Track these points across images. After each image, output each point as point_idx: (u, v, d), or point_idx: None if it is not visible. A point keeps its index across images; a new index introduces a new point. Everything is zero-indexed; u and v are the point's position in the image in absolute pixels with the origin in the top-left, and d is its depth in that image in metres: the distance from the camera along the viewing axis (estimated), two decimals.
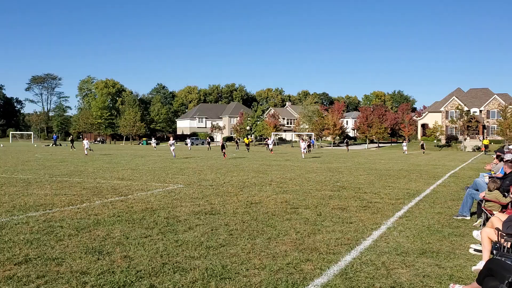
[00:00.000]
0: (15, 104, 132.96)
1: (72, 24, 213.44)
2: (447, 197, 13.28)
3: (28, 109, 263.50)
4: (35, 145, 64.46)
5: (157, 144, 66.84)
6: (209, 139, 64.45)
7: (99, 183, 15.82)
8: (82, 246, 7.11)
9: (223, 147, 36.34)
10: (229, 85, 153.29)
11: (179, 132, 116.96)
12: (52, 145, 66.59)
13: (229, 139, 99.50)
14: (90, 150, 40.22)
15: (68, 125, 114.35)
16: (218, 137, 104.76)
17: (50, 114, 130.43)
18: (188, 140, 66.55)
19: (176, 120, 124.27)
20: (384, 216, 10.00)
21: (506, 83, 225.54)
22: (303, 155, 29.52)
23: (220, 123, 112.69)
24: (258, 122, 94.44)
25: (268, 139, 62.74)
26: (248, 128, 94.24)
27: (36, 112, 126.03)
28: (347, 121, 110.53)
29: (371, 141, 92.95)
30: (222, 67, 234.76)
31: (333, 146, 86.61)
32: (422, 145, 59.97)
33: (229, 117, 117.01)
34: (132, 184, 15.62)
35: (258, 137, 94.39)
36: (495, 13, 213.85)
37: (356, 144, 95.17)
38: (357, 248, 7.14)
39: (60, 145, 70.47)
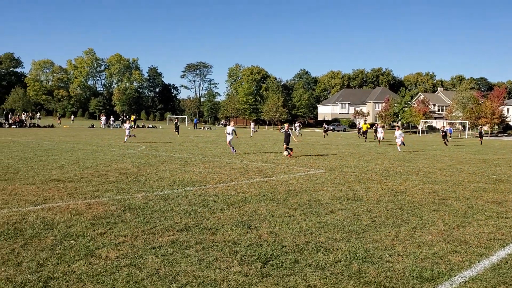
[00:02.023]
0: (172, 90, 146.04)
1: (221, 17, 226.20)
2: None
3: (183, 94, 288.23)
4: (189, 128, 70.43)
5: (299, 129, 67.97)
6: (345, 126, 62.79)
7: (246, 164, 16.79)
8: (233, 219, 7.73)
9: (364, 132, 35.86)
10: (375, 70, 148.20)
11: (320, 118, 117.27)
12: (194, 128, 71.93)
13: (372, 125, 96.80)
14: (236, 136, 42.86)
15: (217, 110, 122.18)
16: (361, 124, 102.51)
17: (202, 99, 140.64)
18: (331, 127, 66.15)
19: (317, 105, 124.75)
20: None
21: None
22: (399, 148, 26.63)
23: (364, 109, 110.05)
24: (406, 108, 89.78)
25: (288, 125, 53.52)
26: (394, 114, 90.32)
27: (190, 97, 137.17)
28: (508, 109, 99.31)
29: None
30: (368, 51, 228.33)
31: (491, 136, 78.88)
32: None
33: (374, 102, 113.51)
34: (275, 167, 16.27)
35: (405, 124, 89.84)
36: None
37: None
38: None
39: (200, 128, 75.81)
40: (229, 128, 22.41)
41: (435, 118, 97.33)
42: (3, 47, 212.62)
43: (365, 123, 46.08)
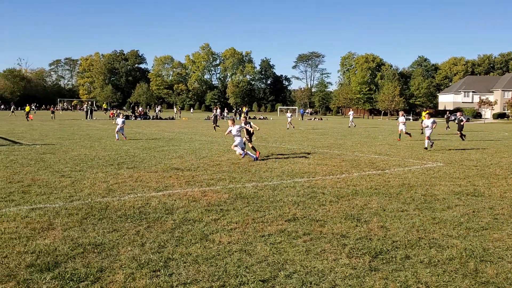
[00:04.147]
0: (283, 81, 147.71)
1: (333, 5, 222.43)
2: None
3: (294, 85, 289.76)
4: (299, 119, 70.77)
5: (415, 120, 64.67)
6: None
7: (357, 156, 16.47)
8: (342, 212, 7.67)
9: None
10: (504, 54, 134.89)
11: (441, 107, 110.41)
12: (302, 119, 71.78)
13: (500, 115, 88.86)
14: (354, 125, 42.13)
15: (328, 100, 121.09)
16: (487, 114, 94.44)
17: (313, 90, 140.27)
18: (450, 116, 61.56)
19: (438, 94, 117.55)
20: None
21: None
22: (428, 142, 20.51)
23: (491, 98, 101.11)
24: None
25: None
26: None
27: (301, 88, 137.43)
28: None
29: None
30: (495, 34, 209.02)
31: None
32: None
33: (502, 90, 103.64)
34: (389, 159, 15.74)
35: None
36: None
37: None
38: None
39: (311, 119, 75.32)
40: (234, 129, 15.12)
41: None
42: (129, 45, 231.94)
43: (425, 111, 36.87)
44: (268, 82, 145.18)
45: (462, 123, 26.04)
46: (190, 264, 5.15)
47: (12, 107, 65.54)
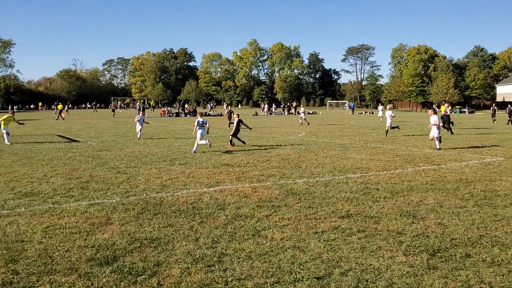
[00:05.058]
0: (332, 75, 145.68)
1: None
2: None
3: (343, 79, 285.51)
4: (349, 113, 69.63)
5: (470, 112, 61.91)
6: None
7: (411, 151, 15.99)
8: (397, 208, 7.46)
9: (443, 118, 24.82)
10: None
11: (499, 99, 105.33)
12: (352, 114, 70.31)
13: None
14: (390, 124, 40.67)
15: (379, 94, 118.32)
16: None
17: (363, 83, 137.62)
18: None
19: (496, 85, 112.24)
20: None
21: None
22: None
23: None
24: None
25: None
26: None
27: (351, 81, 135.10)
28: None
29: None
30: None
31: None
32: None
33: None
34: (444, 153, 15.18)
35: None
36: None
37: None
38: None
39: (361, 113, 73.72)
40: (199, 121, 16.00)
41: None
42: (178, 43, 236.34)
43: (444, 104, 29.04)
44: (317, 76, 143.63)
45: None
46: (244, 260, 5.17)
47: (66, 106, 66.50)
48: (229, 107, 43.32)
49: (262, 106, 73.88)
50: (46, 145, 18.05)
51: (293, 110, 66.77)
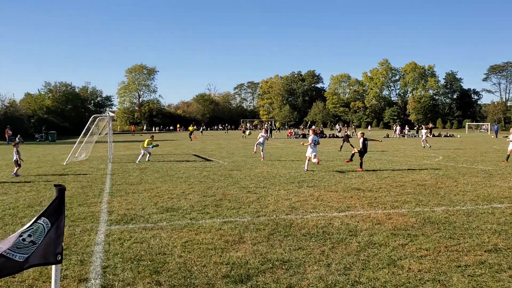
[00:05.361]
0: (472, 95, 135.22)
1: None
2: None
3: (485, 99, 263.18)
4: (492, 137, 63.58)
5: None
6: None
7: None
8: None
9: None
10: None
11: None
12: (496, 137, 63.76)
13: None
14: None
15: None
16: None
17: (508, 103, 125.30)
18: None
19: None
20: None
21: None
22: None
23: None
24: None
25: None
26: None
27: (493, 102, 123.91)
28: None
29: None
30: None
31: None
32: None
33: None
34: None
35: None
36: None
37: None
38: None
39: (507, 136, 66.59)
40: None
41: None
42: (306, 66, 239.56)
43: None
44: (454, 96, 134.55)
45: None
46: None
47: (201, 127, 70.74)
48: (346, 128, 42.24)
49: (394, 128, 71.21)
50: (184, 164, 19.40)
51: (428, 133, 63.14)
